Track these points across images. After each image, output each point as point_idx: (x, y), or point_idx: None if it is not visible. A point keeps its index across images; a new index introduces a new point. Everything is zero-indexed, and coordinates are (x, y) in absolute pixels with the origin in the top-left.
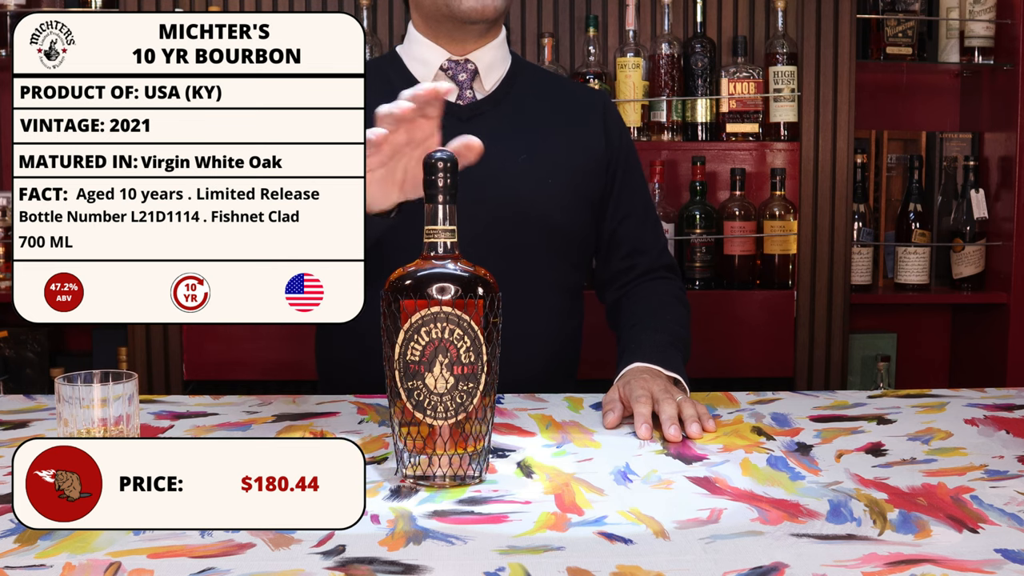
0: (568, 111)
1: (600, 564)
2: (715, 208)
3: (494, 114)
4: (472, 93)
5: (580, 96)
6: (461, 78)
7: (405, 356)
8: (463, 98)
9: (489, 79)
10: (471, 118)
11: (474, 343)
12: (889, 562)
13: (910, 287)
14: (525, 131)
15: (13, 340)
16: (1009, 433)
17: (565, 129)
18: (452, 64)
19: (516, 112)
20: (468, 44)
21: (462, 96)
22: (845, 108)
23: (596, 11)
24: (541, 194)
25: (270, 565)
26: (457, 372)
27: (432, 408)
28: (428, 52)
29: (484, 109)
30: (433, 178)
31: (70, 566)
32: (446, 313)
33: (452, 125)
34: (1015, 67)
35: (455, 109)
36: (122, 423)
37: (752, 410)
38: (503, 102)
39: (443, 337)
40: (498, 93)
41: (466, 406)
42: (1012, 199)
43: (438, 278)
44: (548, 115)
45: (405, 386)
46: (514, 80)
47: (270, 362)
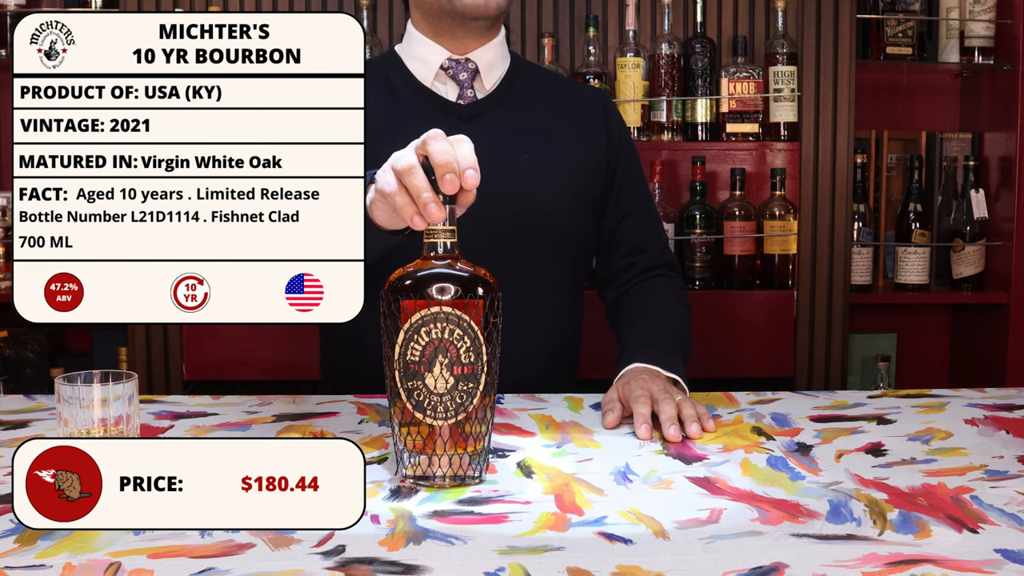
0: (569, 110)
1: (600, 564)
2: (715, 208)
3: (495, 114)
4: (473, 92)
5: (581, 95)
6: (462, 77)
7: (405, 356)
8: (464, 97)
9: (489, 78)
10: (472, 117)
11: (474, 343)
12: (889, 562)
13: (910, 287)
14: (526, 131)
15: (13, 340)
16: (1009, 433)
17: (566, 128)
18: (452, 63)
19: (517, 112)
20: (469, 43)
21: (463, 96)
22: (845, 108)
23: (596, 11)
24: (542, 194)
25: (270, 565)
26: (457, 372)
27: (432, 408)
28: (428, 51)
29: (485, 108)
30: (433, 179)
31: (70, 566)
32: (446, 313)
33: (453, 124)
34: (1015, 67)
35: (456, 108)
36: (122, 423)
37: (752, 410)
38: (504, 101)
39: (443, 337)
40: (499, 92)
41: (466, 406)
42: (1012, 199)
43: (438, 278)
44: (549, 114)
45: (405, 386)
46: (514, 79)
47: (270, 362)
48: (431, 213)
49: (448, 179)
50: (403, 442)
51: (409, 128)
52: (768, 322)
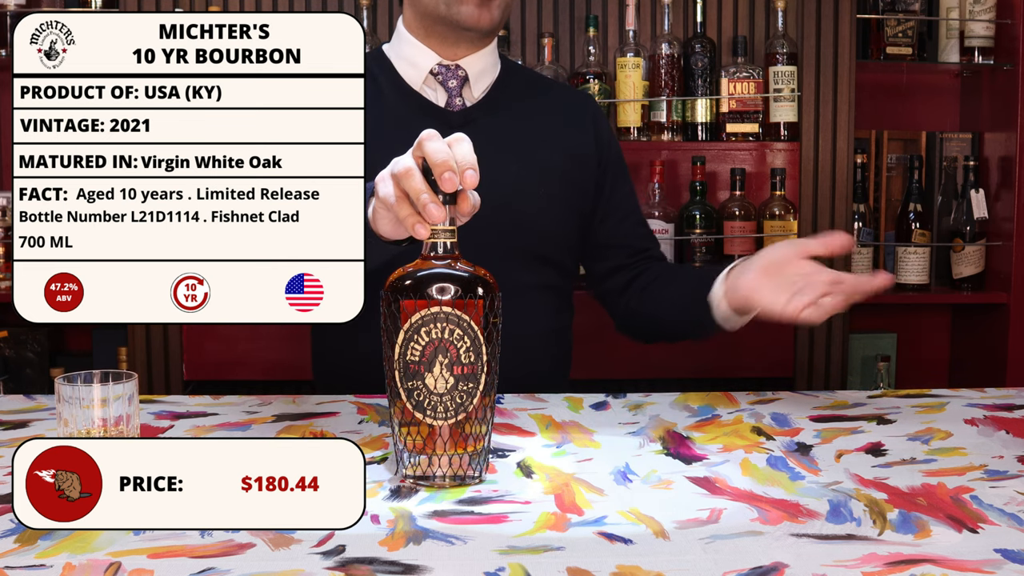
0: (558, 117)
1: (600, 564)
2: (715, 208)
3: (486, 121)
4: (461, 100)
5: (570, 100)
6: (451, 84)
7: (405, 356)
8: (452, 105)
9: (478, 86)
10: (462, 124)
11: (474, 343)
12: (889, 562)
13: (910, 287)
14: (516, 139)
15: (13, 340)
16: (1009, 433)
17: (555, 136)
18: (442, 69)
19: (507, 120)
20: (460, 49)
21: (451, 103)
22: (845, 108)
23: (596, 11)
24: (531, 201)
25: (270, 565)
26: (457, 372)
27: (432, 408)
28: (418, 54)
29: (475, 116)
30: (433, 179)
31: (70, 566)
32: (446, 313)
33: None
34: (1015, 67)
35: (446, 116)
36: (122, 423)
37: (752, 410)
38: (494, 110)
39: (443, 337)
40: (488, 100)
41: (466, 406)
42: (1012, 199)
43: (438, 278)
44: (538, 122)
45: (405, 386)
46: (503, 87)
47: (270, 362)
48: (431, 213)
49: (447, 177)
50: (403, 442)
51: (397, 131)
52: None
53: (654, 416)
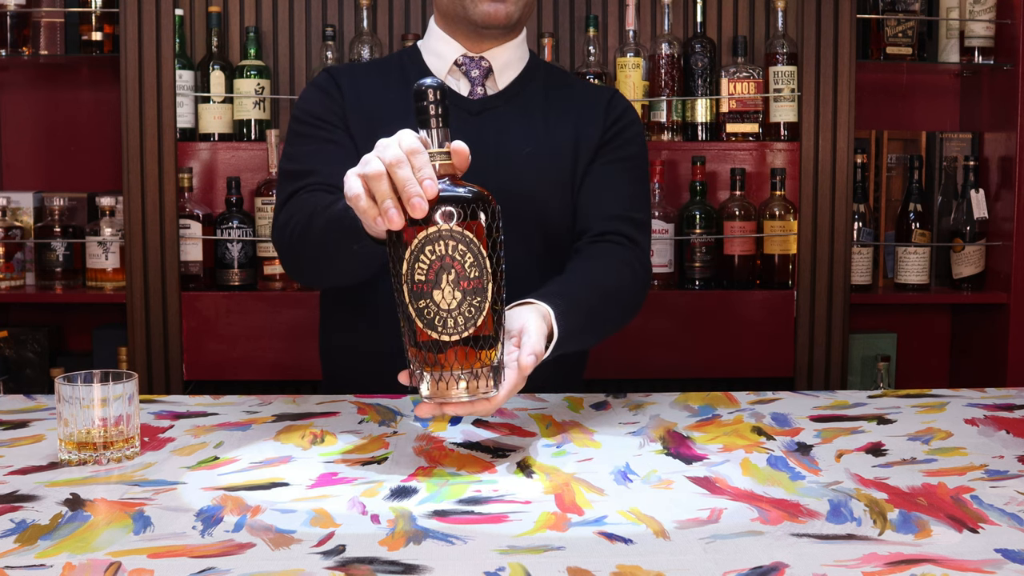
0: (572, 109)
1: (600, 564)
2: (715, 208)
3: (505, 109)
4: (483, 90)
5: (590, 94)
6: (474, 74)
7: (412, 277)
8: (474, 94)
9: (503, 78)
10: (480, 112)
11: (477, 258)
12: (889, 562)
13: (910, 287)
14: (532, 126)
15: (13, 340)
16: (1009, 433)
17: (567, 126)
18: (466, 60)
19: (525, 108)
20: (485, 43)
21: (473, 92)
22: (845, 108)
23: (596, 11)
24: (540, 190)
25: (270, 565)
26: (464, 287)
27: (443, 324)
28: (444, 47)
29: (495, 104)
30: (424, 104)
31: (70, 566)
32: (448, 230)
33: (462, 118)
34: (1015, 67)
35: (465, 103)
36: (122, 423)
37: (752, 410)
38: (514, 99)
39: (447, 254)
40: (510, 90)
41: (475, 320)
42: (1012, 199)
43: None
44: (552, 112)
45: (415, 306)
46: (528, 79)
47: (270, 362)
48: (390, 218)
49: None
50: (418, 365)
51: None
52: (768, 322)
53: (654, 416)
